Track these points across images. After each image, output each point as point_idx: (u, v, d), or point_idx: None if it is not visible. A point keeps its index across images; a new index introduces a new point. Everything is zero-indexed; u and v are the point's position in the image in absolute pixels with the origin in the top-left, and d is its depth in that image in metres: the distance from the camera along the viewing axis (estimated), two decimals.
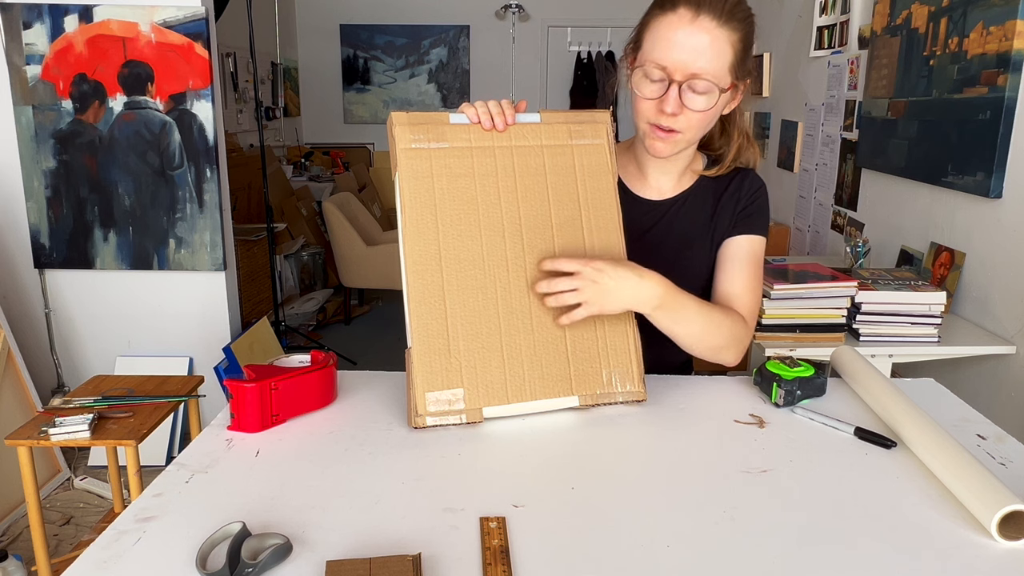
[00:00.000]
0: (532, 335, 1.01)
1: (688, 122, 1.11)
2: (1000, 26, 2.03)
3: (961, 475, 0.82)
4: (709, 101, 1.09)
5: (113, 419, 1.95)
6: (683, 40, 1.06)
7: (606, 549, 0.73)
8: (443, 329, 0.98)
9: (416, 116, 1.02)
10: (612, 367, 1.03)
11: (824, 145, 3.42)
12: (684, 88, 1.08)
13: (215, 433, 0.97)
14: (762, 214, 1.24)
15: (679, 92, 1.08)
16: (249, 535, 0.72)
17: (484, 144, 1.04)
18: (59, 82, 2.83)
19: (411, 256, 0.98)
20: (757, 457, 0.92)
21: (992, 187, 2.08)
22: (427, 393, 0.96)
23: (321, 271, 5.19)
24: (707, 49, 1.06)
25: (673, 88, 1.08)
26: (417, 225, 0.99)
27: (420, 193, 1.00)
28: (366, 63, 7.06)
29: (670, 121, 1.10)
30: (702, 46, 1.06)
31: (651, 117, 1.12)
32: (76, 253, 2.97)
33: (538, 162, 1.06)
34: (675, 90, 1.08)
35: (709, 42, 1.06)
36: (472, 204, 1.02)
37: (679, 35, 1.06)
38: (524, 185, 1.04)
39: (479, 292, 0.99)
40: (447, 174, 1.01)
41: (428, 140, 1.02)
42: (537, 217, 1.04)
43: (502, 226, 1.02)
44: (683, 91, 1.08)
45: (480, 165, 1.03)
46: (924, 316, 2.00)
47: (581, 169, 1.07)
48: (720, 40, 1.06)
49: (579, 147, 1.08)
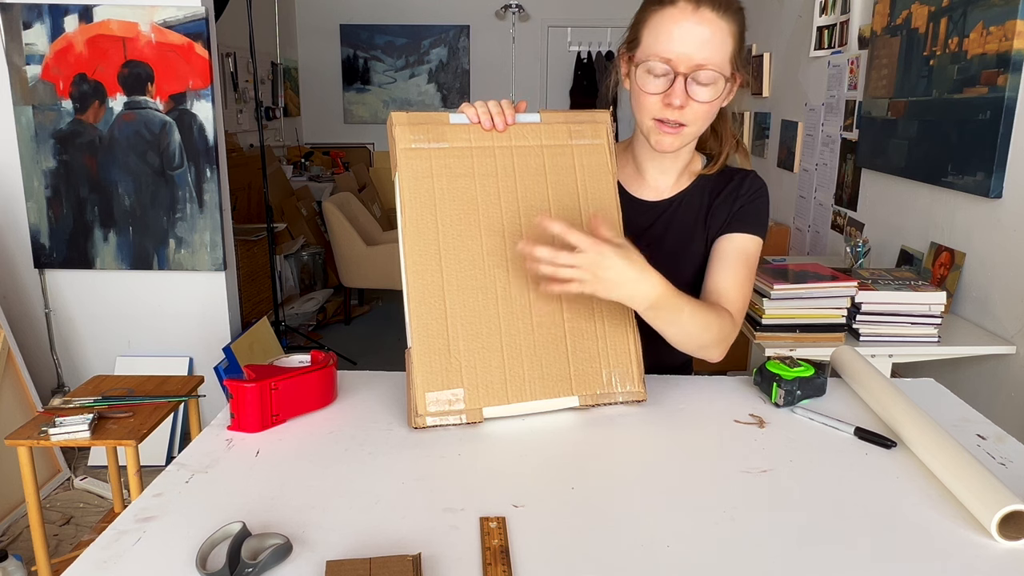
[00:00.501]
0: (532, 335, 1.01)
1: (694, 114, 1.11)
2: (1000, 26, 2.03)
3: (961, 475, 0.82)
4: (715, 92, 1.09)
5: (113, 419, 1.95)
6: (686, 32, 1.06)
7: (606, 549, 0.73)
8: (443, 329, 0.98)
9: (416, 116, 1.02)
10: (612, 367, 1.03)
11: (824, 145, 3.42)
12: (689, 80, 1.08)
13: (215, 433, 0.97)
14: (759, 215, 1.23)
15: (684, 85, 1.08)
16: (249, 535, 0.72)
17: (484, 144, 1.04)
18: (59, 82, 2.83)
19: (411, 256, 0.98)
20: (757, 457, 0.92)
21: (992, 187, 2.08)
22: (427, 393, 0.96)
23: (321, 271, 5.20)
24: (710, 40, 1.07)
25: (679, 81, 1.08)
26: (417, 225, 0.99)
27: (420, 193, 1.00)
28: (366, 63, 7.06)
29: (677, 114, 1.10)
30: (705, 37, 1.06)
31: (656, 112, 1.11)
32: (76, 253, 2.97)
33: (538, 162, 1.06)
34: (681, 82, 1.08)
35: (711, 33, 1.06)
36: (472, 204, 1.02)
37: (682, 28, 1.06)
38: (524, 185, 1.04)
39: (479, 292, 0.99)
40: (447, 174, 1.01)
41: (428, 140, 1.02)
42: (537, 217, 1.04)
43: (502, 226, 1.02)
44: (688, 83, 1.08)
45: (480, 165, 1.03)
46: (924, 316, 2.00)
47: (581, 169, 1.07)
48: (721, 31, 1.07)
49: (579, 147, 1.08)
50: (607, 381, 1.03)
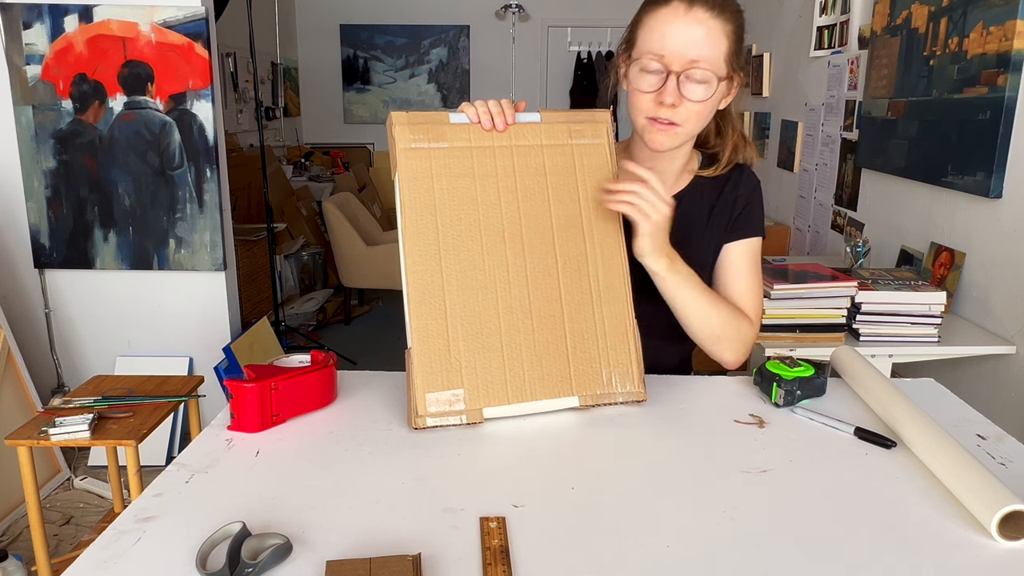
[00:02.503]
0: (532, 335, 1.01)
1: (687, 114, 1.11)
2: (1000, 26, 2.03)
3: (961, 475, 0.82)
4: (708, 91, 1.09)
5: (113, 419, 1.95)
6: (679, 30, 1.07)
7: (606, 549, 0.73)
8: (443, 329, 0.98)
9: (416, 116, 1.02)
10: (612, 367, 1.03)
11: (824, 145, 3.42)
12: (683, 79, 1.08)
13: (215, 433, 0.97)
14: (758, 214, 1.26)
15: (677, 83, 1.08)
16: (249, 535, 0.72)
17: (484, 144, 1.04)
18: (59, 82, 2.83)
19: (411, 256, 0.98)
20: (757, 457, 0.92)
21: (992, 187, 2.08)
22: (427, 394, 0.96)
23: (321, 271, 5.20)
24: (703, 38, 1.07)
25: (671, 79, 1.08)
26: (417, 225, 0.99)
27: (420, 193, 1.00)
28: (366, 63, 7.07)
29: (669, 113, 1.10)
30: (698, 36, 1.07)
31: (649, 111, 1.12)
32: (76, 253, 2.97)
33: (538, 162, 1.06)
34: (673, 80, 1.08)
35: (705, 32, 1.07)
36: (472, 204, 1.02)
37: (675, 26, 1.08)
38: (524, 185, 1.04)
39: (479, 292, 0.99)
40: (447, 174, 1.01)
41: (428, 140, 1.02)
42: (537, 217, 1.04)
43: (502, 226, 1.02)
44: (681, 82, 1.08)
45: (480, 165, 1.03)
46: (924, 316, 2.00)
47: (581, 169, 1.07)
48: (715, 30, 1.08)
49: (579, 147, 1.08)
50: (607, 381, 1.03)
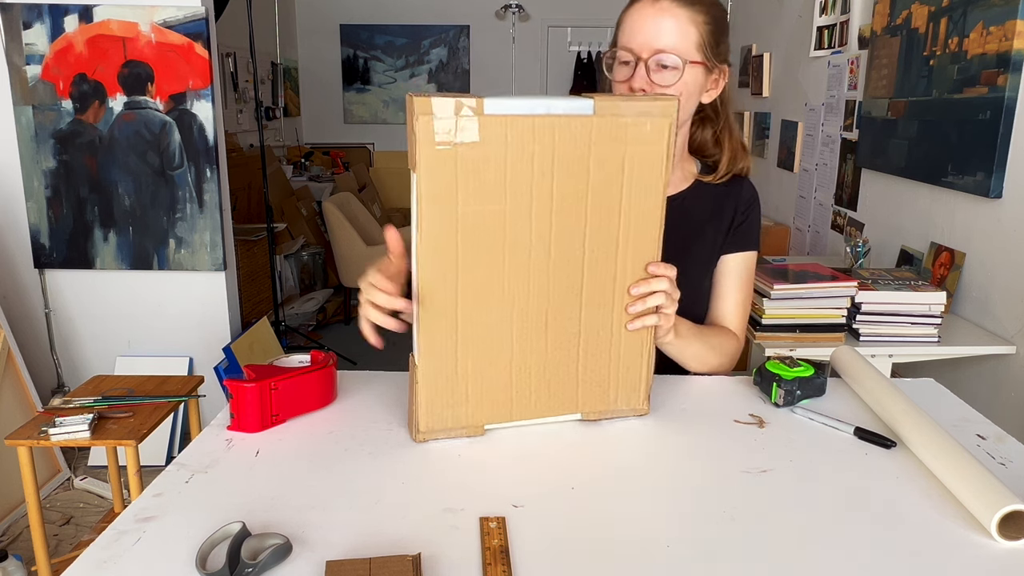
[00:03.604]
0: (545, 355, 0.97)
1: None
2: (1000, 26, 2.03)
3: (961, 475, 0.82)
4: (676, 75, 1.14)
5: (113, 419, 1.95)
6: (646, 22, 1.14)
7: (606, 549, 0.73)
8: (452, 347, 0.93)
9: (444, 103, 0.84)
10: (620, 387, 1.01)
11: (824, 145, 3.42)
12: (651, 65, 1.13)
13: (215, 433, 0.97)
14: (755, 228, 1.29)
15: (647, 70, 1.13)
16: (249, 535, 0.72)
17: (523, 147, 0.88)
18: (59, 82, 2.83)
19: (424, 270, 0.89)
20: (757, 457, 0.92)
21: (992, 187, 2.08)
22: (430, 411, 0.94)
23: (321, 271, 5.19)
24: (671, 28, 1.13)
25: (640, 66, 1.14)
26: (436, 243, 0.88)
27: (441, 207, 0.87)
28: (366, 63, 7.07)
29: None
30: (665, 25, 1.13)
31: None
32: (76, 253, 2.97)
33: (582, 173, 0.91)
34: (642, 68, 1.14)
35: (672, 21, 1.13)
36: (499, 218, 0.89)
37: (642, 18, 1.14)
38: (561, 195, 0.91)
39: (495, 310, 0.93)
40: (475, 181, 0.87)
41: (456, 135, 0.85)
42: (570, 238, 0.93)
43: (529, 244, 0.92)
44: (651, 70, 1.13)
45: (514, 172, 0.88)
46: (924, 316, 2.00)
47: (629, 185, 0.93)
48: (682, 20, 1.13)
49: (631, 156, 0.92)
50: (613, 399, 1.01)
